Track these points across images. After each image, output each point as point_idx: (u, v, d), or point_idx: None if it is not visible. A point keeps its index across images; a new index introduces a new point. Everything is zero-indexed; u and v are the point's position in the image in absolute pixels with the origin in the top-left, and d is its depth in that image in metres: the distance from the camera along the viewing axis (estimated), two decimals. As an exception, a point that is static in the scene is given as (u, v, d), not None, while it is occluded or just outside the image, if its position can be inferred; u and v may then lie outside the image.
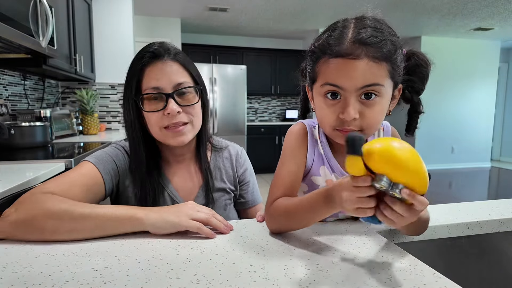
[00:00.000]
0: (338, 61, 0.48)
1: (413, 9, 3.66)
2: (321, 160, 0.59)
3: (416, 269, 0.44)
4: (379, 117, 0.51)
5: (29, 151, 1.43)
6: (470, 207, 0.71)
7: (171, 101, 0.64)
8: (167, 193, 0.71)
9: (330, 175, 0.58)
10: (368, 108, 0.49)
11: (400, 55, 0.51)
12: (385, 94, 0.50)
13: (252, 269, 0.43)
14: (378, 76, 0.48)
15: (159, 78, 0.64)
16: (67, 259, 0.45)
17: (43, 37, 1.41)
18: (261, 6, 3.64)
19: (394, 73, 0.49)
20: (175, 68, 0.66)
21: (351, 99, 0.48)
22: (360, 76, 0.47)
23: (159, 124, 0.65)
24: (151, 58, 0.65)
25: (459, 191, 4.01)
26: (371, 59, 0.47)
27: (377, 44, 0.47)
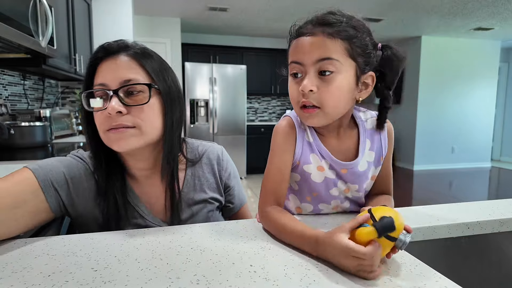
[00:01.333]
0: (298, 39, 0.54)
1: (413, 9, 3.66)
2: (310, 148, 0.61)
3: (416, 269, 0.44)
4: (337, 93, 0.53)
5: (28, 151, 1.43)
6: (471, 207, 0.71)
7: (114, 99, 0.55)
8: (137, 212, 0.63)
9: (320, 161, 0.60)
10: (326, 83, 0.52)
11: (365, 41, 0.54)
12: (342, 71, 0.52)
13: (252, 269, 0.43)
14: (333, 51, 0.51)
15: (106, 75, 0.57)
16: (67, 259, 0.45)
17: (43, 37, 1.41)
18: (261, 6, 3.64)
19: (353, 53, 0.52)
20: (126, 64, 0.57)
21: (309, 73, 0.53)
22: (314, 49, 0.52)
23: (103, 126, 0.56)
24: (105, 54, 0.58)
25: (459, 191, 4.01)
26: (326, 35, 0.52)
27: (334, 24, 0.52)
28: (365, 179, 0.62)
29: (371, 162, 0.62)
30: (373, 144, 0.62)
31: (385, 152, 0.62)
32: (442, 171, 5.04)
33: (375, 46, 0.56)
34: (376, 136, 0.62)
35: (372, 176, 0.64)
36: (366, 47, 0.54)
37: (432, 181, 4.39)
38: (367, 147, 0.62)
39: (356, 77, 0.54)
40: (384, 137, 0.62)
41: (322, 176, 0.61)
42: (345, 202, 0.66)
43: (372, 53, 0.55)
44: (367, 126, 0.63)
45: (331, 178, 0.61)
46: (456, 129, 5.25)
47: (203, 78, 4.10)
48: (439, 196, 3.66)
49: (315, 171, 0.60)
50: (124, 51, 0.58)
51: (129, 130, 0.56)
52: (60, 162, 0.61)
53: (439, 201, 3.45)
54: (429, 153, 5.16)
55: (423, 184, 4.26)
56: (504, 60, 5.84)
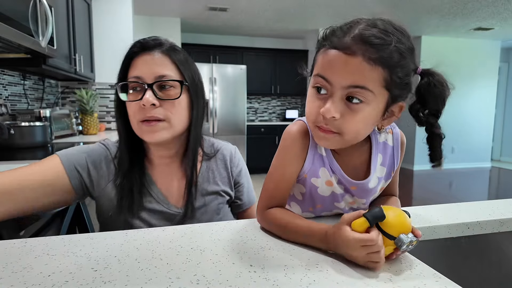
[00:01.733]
0: (333, 53, 0.46)
1: (413, 9, 3.66)
2: (321, 161, 0.56)
3: (416, 269, 0.44)
4: (360, 126, 0.48)
5: (28, 151, 1.43)
6: (471, 207, 0.71)
7: (148, 92, 0.60)
8: (153, 197, 0.67)
9: (330, 177, 0.56)
10: (351, 111, 0.46)
11: (407, 68, 0.47)
12: (372, 103, 0.46)
13: (252, 269, 0.43)
14: (369, 79, 0.44)
15: (141, 68, 0.62)
16: (67, 259, 0.45)
17: (43, 37, 1.41)
18: (261, 6, 3.64)
19: (391, 83, 0.45)
20: (161, 60, 0.63)
21: (335, 96, 0.46)
22: (349, 73, 0.45)
23: (136, 117, 0.61)
24: (140, 49, 0.63)
25: (459, 191, 4.01)
26: (366, 59, 0.44)
27: (377, 46, 0.44)
28: (373, 193, 0.60)
29: (381, 177, 0.59)
30: (385, 158, 0.58)
31: (396, 166, 0.60)
32: (442, 171, 5.04)
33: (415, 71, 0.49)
34: (388, 150, 0.58)
35: (381, 188, 0.61)
36: (406, 76, 0.47)
37: (432, 181, 4.39)
38: (379, 162, 0.58)
39: (385, 107, 0.49)
40: (397, 150, 0.58)
41: (329, 190, 0.57)
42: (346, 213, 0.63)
43: (410, 81, 0.48)
44: (379, 139, 0.58)
45: (339, 193, 0.58)
46: (456, 129, 5.25)
47: (203, 78, 4.06)
48: (439, 196, 3.66)
49: (323, 186, 0.57)
50: (159, 48, 0.63)
51: (160, 124, 0.61)
52: (84, 148, 0.67)
53: (439, 201, 3.45)
54: (429, 153, 5.16)
55: (423, 184, 4.26)
56: (504, 60, 5.84)
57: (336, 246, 0.46)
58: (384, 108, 0.49)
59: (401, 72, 0.46)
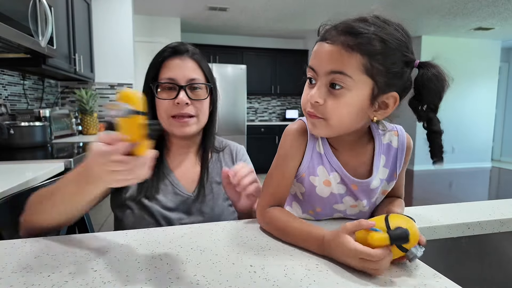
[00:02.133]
0: (320, 44, 0.50)
1: (413, 9, 3.66)
2: (320, 160, 0.57)
3: (416, 269, 0.44)
4: (343, 112, 0.49)
5: (28, 151, 1.43)
6: (471, 207, 0.71)
7: (182, 92, 0.70)
8: (169, 181, 0.74)
9: (329, 175, 0.57)
10: (334, 98, 0.49)
11: (394, 58, 0.47)
12: (353, 89, 0.48)
13: (252, 269, 0.43)
14: (346, 65, 0.47)
15: (175, 71, 0.71)
16: (66, 259, 0.45)
17: (43, 37, 1.41)
18: (261, 6, 3.64)
19: (372, 70, 0.47)
20: (190, 65, 0.72)
21: (319, 83, 0.50)
22: (329, 60, 0.48)
23: (168, 112, 0.70)
24: (172, 53, 0.72)
25: (459, 191, 4.01)
26: (344, 46, 0.47)
27: (356, 34, 0.46)
28: (375, 195, 0.59)
29: (383, 179, 0.58)
30: (388, 159, 0.58)
31: (399, 169, 0.58)
32: (442, 171, 5.04)
33: (408, 63, 0.50)
34: (392, 151, 0.58)
35: (384, 191, 0.60)
36: (393, 66, 0.48)
37: (432, 181, 4.39)
38: (382, 163, 0.57)
39: (372, 96, 0.49)
40: (402, 153, 0.58)
41: (328, 190, 0.57)
42: (348, 217, 0.63)
43: (401, 72, 0.49)
44: (383, 140, 0.58)
45: (338, 194, 0.58)
46: (456, 129, 5.25)
47: (203, 78, 4.09)
48: (439, 196, 3.66)
49: (321, 185, 0.57)
50: (188, 53, 0.73)
51: (191, 119, 0.71)
52: None
53: (439, 201, 3.45)
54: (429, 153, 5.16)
55: (423, 184, 4.26)
56: (505, 60, 5.84)
57: (331, 252, 0.46)
58: (370, 97, 0.49)
59: (385, 60, 0.47)
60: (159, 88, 0.72)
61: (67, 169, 1.14)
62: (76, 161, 1.20)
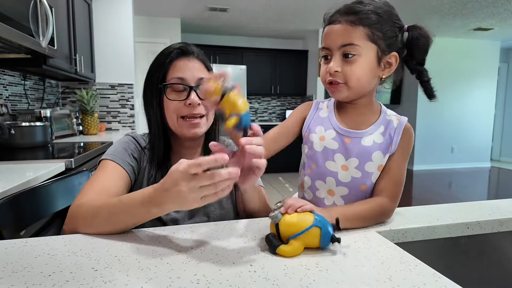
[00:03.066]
0: (328, 27, 0.63)
1: (412, 9, 3.66)
2: (320, 121, 0.70)
3: (416, 269, 0.44)
4: (359, 71, 0.61)
5: (29, 151, 1.43)
6: (470, 207, 0.71)
7: (193, 93, 0.69)
8: None
9: (324, 132, 0.69)
10: (349, 64, 0.61)
11: (388, 26, 0.61)
12: (363, 54, 0.60)
13: (252, 269, 0.43)
14: (354, 37, 0.60)
15: (184, 71, 0.70)
16: (67, 259, 0.45)
17: (43, 37, 1.41)
18: (261, 6, 3.64)
19: (374, 37, 0.60)
20: (198, 66, 0.72)
21: (334, 56, 0.62)
22: (339, 37, 0.61)
23: (178, 113, 0.69)
24: (179, 54, 0.71)
25: (459, 191, 4.01)
26: (348, 23, 0.60)
27: (356, 13, 0.60)
28: (368, 158, 0.64)
29: (378, 144, 0.65)
30: (386, 131, 0.66)
31: (394, 145, 0.65)
32: (442, 171, 5.04)
33: (400, 29, 0.63)
34: (390, 126, 0.66)
35: (379, 166, 0.65)
36: (388, 31, 0.61)
37: (431, 181, 4.39)
38: (379, 130, 0.66)
39: (378, 58, 0.62)
40: (399, 132, 0.66)
41: (322, 145, 0.68)
42: (340, 185, 0.66)
43: (395, 36, 0.62)
44: (387, 117, 0.68)
45: (330, 148, 0.67)
46: (455, 129, 5.25)
47: (203, 78, 4.09)
48: (438, 196, 3.66)
49: (317, 140, 0.69)
50: (194, 54, 0.73)
51: (201, 120, 0.71)
52: (121, 144, 0.73)
53: (439, 201, 3.45)
54: (429, 153, 5.16)
55: (423, 184, 4.26)
56: (504, 60, 5.84)
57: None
58: (377, 58, 0.62)
59: (381, 28, 0.60)
60: (167, 89, 0.71)
61: (67, 169, 1.15)
62: (76, 161, 1.20)
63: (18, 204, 0.70)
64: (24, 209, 0.69)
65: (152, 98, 0.71)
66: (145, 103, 0.74)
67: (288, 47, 5.08)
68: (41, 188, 0.77)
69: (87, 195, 0.60)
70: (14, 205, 0.68)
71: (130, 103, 2.86)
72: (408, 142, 0.65)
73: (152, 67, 0.73)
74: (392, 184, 0.64)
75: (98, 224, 0.54)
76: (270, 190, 3.78)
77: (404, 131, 0.65)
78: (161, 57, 0.72)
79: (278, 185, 4.06)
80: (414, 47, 0.63)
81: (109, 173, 0.66)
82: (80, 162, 1.24)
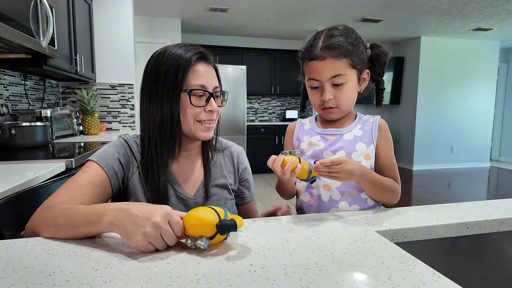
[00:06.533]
0: (313, 62, 0.72)
1: (412, 9, 3.66)
2: (305, 132, 0.82)
3: (415, 268, 0.44)
4: (348, 96, 0.73)
5: (29, 151, 1.43)
6: (470, 207, 0.72)
7: (213, 100, 0.71)
8: (171, 185, 0.74)
9: (310, 138, 0.79)
10: (339, 91, 0.72)
11: (360, 50, 0.72)
12: (350, 80, 0.72)
13: (252, 268, 0.43)
14: (340, 69, 0.70)
15: (206, 78, 0.70)
16: (67, 259, 0.45)
17: (44, 37, 1.42)
18: (261, 6, 3.64)
19: (355, 64, 0.72)
20: (213, 72, 0.73)
21: (326, 86, 0.72)
22: (327, 70, 0.71)
23: (196, 118, 0.70)
24: (199, 59, 0.70)
25: (458, 191, 4.01)
26: (333, 57, 0.70)
27: (337, 48, 0.70)
28: (352, 149, 0.75)
29: (359, 136, 0.76)
30: (363, 127, 0.77)
31: (375, 137, 0.76)
32: (441, 171, 5.05)
33: (365, 48, 0.75)
34: (367, 124, 0.78)
35: (365, 155, 0.74)
36: (361, 54, 0.73)
37: (431, 181, 4.39)
38: (358, 127, 0.78)
39: (358, 78, 0.74)
40: (375, 127, 0.77)
41: (311, 148, 0.78)
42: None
43: (365, 56, 0.74)
44: (363, 118, 0.80)
45: (318, 149, 0.77)
46: (455, 129, 5.25)
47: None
48: (438, 196, 3.66)
49: (305, 146, 0.79)
50: (210, 59, 0.73)
51: (213, 124, 0.74)
52: (112, 147, 0.72)
53: (438, 201, 3.45)
54: (428, 153, 5.16)
55: (422, 184, 4.26)
56: (503, 60, 5.84)
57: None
58: (357, 79, 0.74)
59: (357, 54, 0.72)
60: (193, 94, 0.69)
61: (68, 169, 1.15)
62: (77, 161, 1.20)
63: (19, 204, 0.70)
64: (24, 209, 0.69)
65: (169, 102, 0.68)
66: (153, 107, 0.69)
67: (288, 47, 5.08)
68: (41, 188, 0.78)
69: (61, 196, 0.60)
70: (15, 205, 0.68)
71: (130, 103, 2.86)
72: (385, 133, 0.77)
73: (166, 70, 0.67)
74: (390, 170, 0.76)
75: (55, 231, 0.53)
76: (270, 189, 3.78)
77: (380, 126, 0.77)
78: (179, 60, 0.68)
79: (278, 185, 4.06)
80: (376, 63, 0.76)
81: (89, 176, 0.65)
82: (81, 162, 1.24)
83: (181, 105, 0.69)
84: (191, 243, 0.47)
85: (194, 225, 0.48)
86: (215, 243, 0.50)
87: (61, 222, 0.52)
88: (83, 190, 0.62)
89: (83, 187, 0.63)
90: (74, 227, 0.52)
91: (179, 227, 0.49)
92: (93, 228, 0.51)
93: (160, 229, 0.47)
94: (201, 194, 0.76)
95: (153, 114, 0.69)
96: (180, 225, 0.49)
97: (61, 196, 0.60)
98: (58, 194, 0.61)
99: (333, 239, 0.54)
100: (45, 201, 0.59)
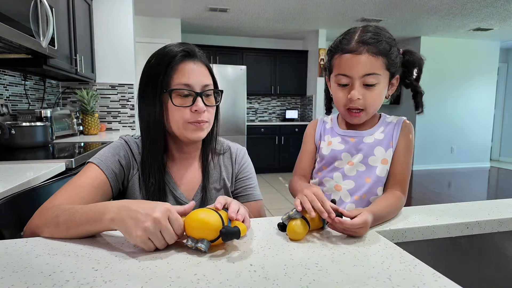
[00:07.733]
0: (346, 56, 0.67)
1: (412, 9, 3.66)
2: (327, 131, 0.80)
3: (415, 268, 0.44)
4: (377, 99, 0.69)
5: (29, 151, 1.43)
6: (470, 207, 0.72)
7: (200, 100, 0.67)
8: (169, 188, 0.73)
9: (331, 138, 0.78)
10: (369, 91, 0.67)
11: (395, 52, 0.69)
12: (382, 82, 0.67)
13: (252, 268, 0.43)
14: (376, 67, 0.66)
15: (190, 76, 0.67)
16: (67, 259, 0.45)
17: (44, 37, 1.42)
18: (261, 6, 3.64)
19: (389, 65, 0.67)
20: (202, 70, 0.69)
21: (356, 84, 0.67)
22: (362, 66, 0.65)
23: (183, 118, 0.67)
24: (184, 57, 0.67)
25: (458, 191, 4.01)
26: (370, 54, 0.65)
27: (374, 43, 0.65)
28: (371, 153, 0.72)
29: (379, 140, 0.73)
30: (386, 129, 0.74)
31: (395, 140, 0.73)
32: (441, 171, 5.04)
33: (399, 53, 0.71)
34: (390, 125, 0.75)
35: (382, 159, 0.72)
36: (396, 57, 0.69)
37: (431, 181, 4.39)
38: (380, 130, 0.75)
39: (389, 82, 0.71)
40: (398, 128, 0.74)
41: (329, 149, 0.77)
42: (346, 179, 0.74)
43: (398, 60, 0.70)
44: (387, 120, 0.77)
45: (337, 149, 0.75)
46: (455, 129, 5.25)
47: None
48: (438, 196, 3.66)
49: (325, 145, 0.79)
50: (198, 57, 0.69)
51: (205, 125, 0.70)
52: (113, 149, 0.71)
53: (438, 201, 3.45)
54: (428, 153, 5.16)
55: (422, 184, 4.26)
56: (503, 60, 5.84)
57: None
58: (388, 83, 0.70)
59: (393, 56, 0.68)
60: (173, 94, 0.66)
61: (68, 169, 1.15)
62: (77, 161, 1.20)
63: (19, 204, 0.70)
64: (25, 209, 0.69)
65: (154, 102, 0.67)
66: (143, 106, 0.69)
67: (288, 47, 5.08)
68: (41, 188, 0.78)
69: (61, 198, 0.59)
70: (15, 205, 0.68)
71: (130, 103, 2.86)
72: (407, 136, 0.73)
73: (152, 69, 0.68)
74: (400, 178, 0.72)
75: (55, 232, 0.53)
76: (270, 189, 3.78)
77: (403, 126, 0.73)
78: (164, 59, 0.67)
79: (278, 185, 4.06)
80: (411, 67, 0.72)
81: (89, 179, 0.64)
82: (81, 162, 1.25)
83: (167, 105, 0.67)
84: (191, 244, 0.47)
85: (196, 227, 0.47)
86: (216, 245, 0.50)
87: (62, 221, 0.52)
88: (83, 192, 0.62)
89: (82, 189, 0.62)
90: (75, 225, 0.51)
91: (178, 224, 0.48)
92: (94, 226, 0.50)
93: (160, 225, 0.46)
94: (199, 197, 0.75)
95: (143, 114, 0.70)
96: (179, 222, 0.49)
97: (60, 198, 0.59)
98: (57, 196, 0.60)
99: (333, 239, 0.54)
100: (44, 203, 0.59)
